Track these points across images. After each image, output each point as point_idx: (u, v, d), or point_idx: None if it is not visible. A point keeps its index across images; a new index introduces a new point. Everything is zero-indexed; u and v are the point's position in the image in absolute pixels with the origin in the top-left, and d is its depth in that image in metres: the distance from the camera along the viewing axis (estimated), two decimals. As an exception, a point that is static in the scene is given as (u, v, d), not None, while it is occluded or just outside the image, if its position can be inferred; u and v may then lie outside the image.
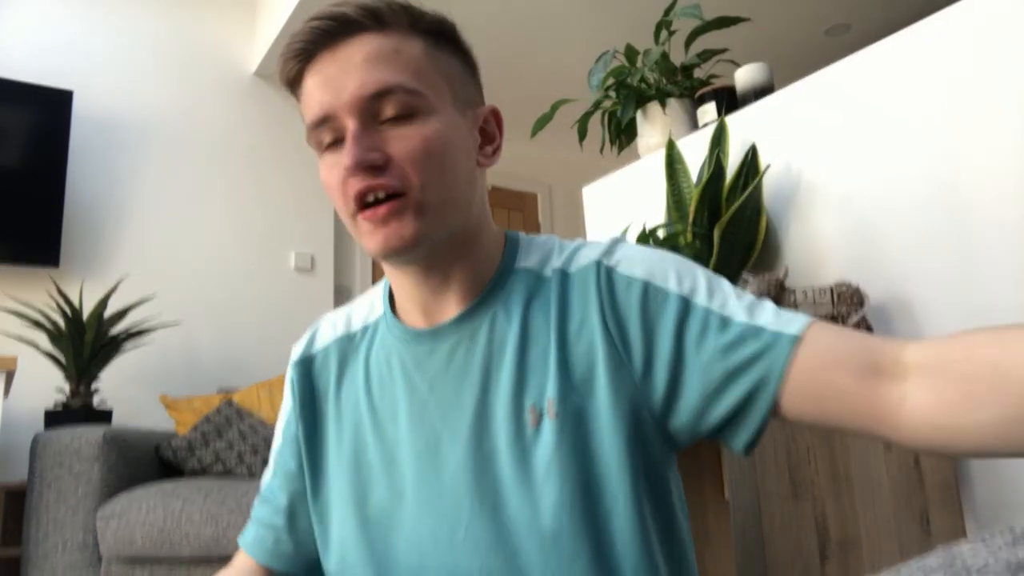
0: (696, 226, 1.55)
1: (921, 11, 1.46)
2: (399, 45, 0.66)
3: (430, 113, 0.66)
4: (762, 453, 0.98)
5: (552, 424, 0.66)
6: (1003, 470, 1.25)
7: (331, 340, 0.81)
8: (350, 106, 0.64)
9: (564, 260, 0.73)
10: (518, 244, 0.76)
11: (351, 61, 0.65)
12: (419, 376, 0.72)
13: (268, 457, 0.87)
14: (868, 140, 1.49)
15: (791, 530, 0.98)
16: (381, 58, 0.65)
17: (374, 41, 0.66)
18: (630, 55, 1.96)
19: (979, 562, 0.32)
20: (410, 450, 0.71)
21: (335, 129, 0.66)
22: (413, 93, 0.65)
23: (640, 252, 0.70)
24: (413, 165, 0.64)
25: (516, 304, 0.71)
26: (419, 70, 0.67)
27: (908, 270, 1.40)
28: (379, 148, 0.64)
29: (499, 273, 0.73)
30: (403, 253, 0.66)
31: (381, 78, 0.64)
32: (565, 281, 0.71)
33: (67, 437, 2.15)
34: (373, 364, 0.76)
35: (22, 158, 3.01)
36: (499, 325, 0.71)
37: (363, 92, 0.64)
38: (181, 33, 3.58)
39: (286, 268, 3.68)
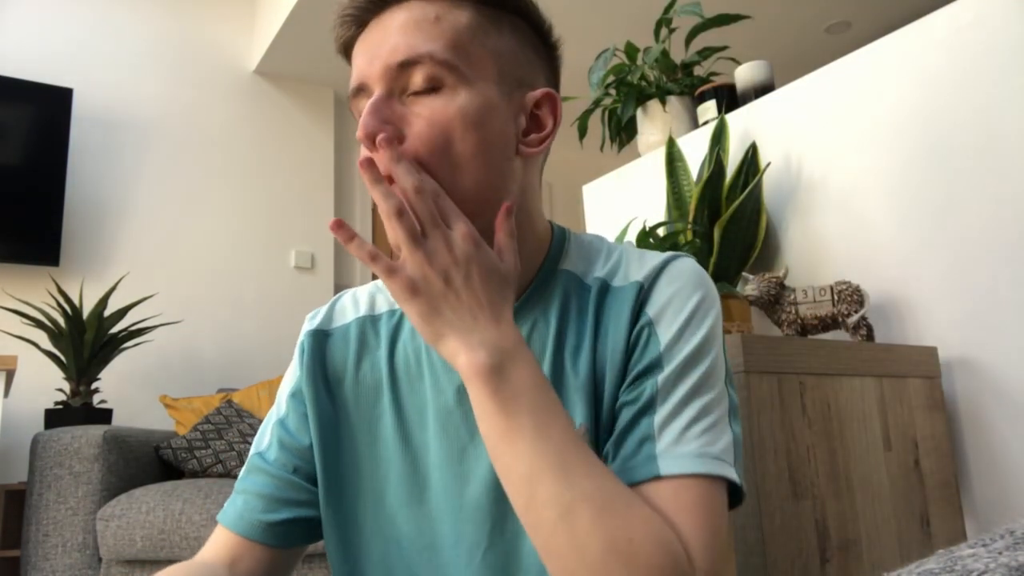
0: (696, 224, 1.55)
1: (921, 9, 1.45)
2: (443, 12, 0.62)
3: (461, 87, 0.61)
4: (762, 453, 0.97)
5: None
6: (1003, 470, 1.24)
7: (352, 319, 0.75)
8: (379, 74, 0.61)
9: (609, 269, 0.69)
10: (564, 242, 0.72)
11: (390, 27, 0.62)
12: (447, 381, 0.68)
13: None
14: (869, 138, 1.48)
15: (791, 530, 0.97)
16: (418, 25, 0.61)
17: (417, 8, 0.62)
18: (630, 53, 1.96)
19: (979, 566, 0.32)
20: (435, 458, 0.67)
21: (369, 97, 0.62)
22: (444, 64, 0.60)
23: (678, 281, 0.65)
24: (427, 147, 0.60)
25: (554, 312, 0.67)
26: (458, 41, 0.62)
27: (908, 270, 1.40)
28: (395, 123, 0.60)
29: (541, 276, 0.69)
30: None
31: (412, 46, 0.60)
32: (605, 294, 0.67)
33: (67, 437, 2.15)
34: (400, 355, 0.71)
35: (22, 156, 3.01)
36: (538, 335, 0.67)
37: (391, 60, 0.60)
38: (181, 31, 3.58)
39: (286, 267, 3.68)
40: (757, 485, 0.95)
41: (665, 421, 0.60)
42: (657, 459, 0.58)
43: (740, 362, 0.99)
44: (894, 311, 1.41)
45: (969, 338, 1.30)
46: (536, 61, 0.68)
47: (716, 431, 0.60)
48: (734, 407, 0.66)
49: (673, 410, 0.60)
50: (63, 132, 3.07)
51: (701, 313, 0.64)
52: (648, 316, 0.64)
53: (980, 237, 1.30)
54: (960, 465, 1.29)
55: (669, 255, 0.68)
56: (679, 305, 0.64)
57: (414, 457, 0.69)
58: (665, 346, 0.62)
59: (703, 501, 0.57)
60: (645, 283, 0.66)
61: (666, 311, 0.64)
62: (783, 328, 1.36)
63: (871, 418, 1.14)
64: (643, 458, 0.58)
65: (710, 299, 0.66)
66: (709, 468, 0.58)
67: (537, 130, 0.67)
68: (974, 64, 1.33)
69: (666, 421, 0.60)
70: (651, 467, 0.58)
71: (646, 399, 0.61)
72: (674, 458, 0.58)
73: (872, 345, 1.20)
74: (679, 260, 0.68)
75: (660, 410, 0.60)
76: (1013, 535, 0.33)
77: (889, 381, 1.19)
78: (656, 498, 0.56)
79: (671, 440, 0.59)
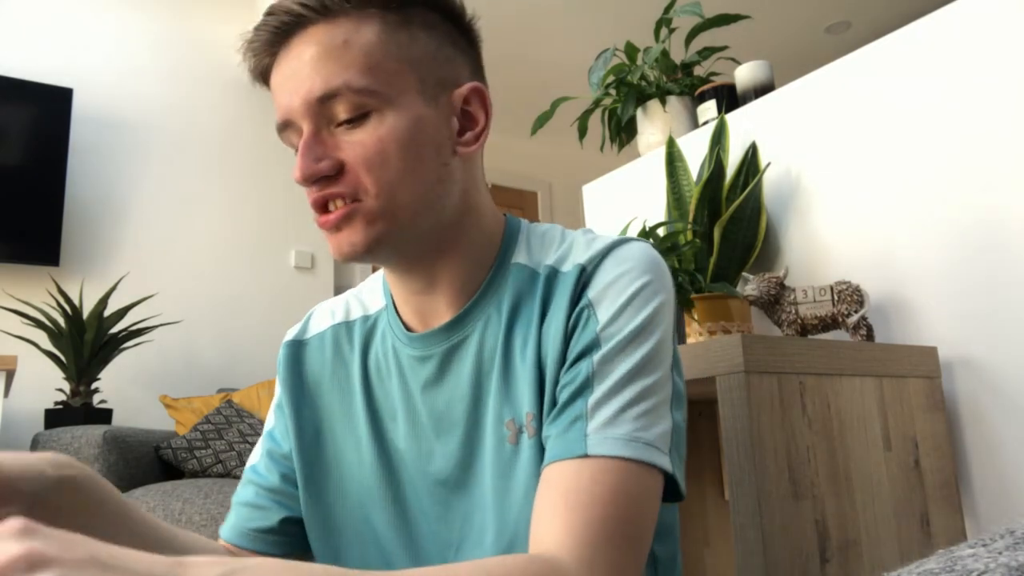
0: (696, 224, 1.55)
1: (922, 8, 1.45)
2: (349, 34, 0.61)
3: (386, 110, 0.61)
4: (762, 453, 0.97)
5: (531, 444, 0.62)
6: (1003, 470, 1.24)
7: (327, 327, 0.78)
8: (302, 111, 0.61)
9: (560, 255, 0.68)
10: (517, 235, 0.71)
11: (301, 59, 0.61)
12: (413, 381, 0.69)
13: None
14: (869, 138, 1.48)
15: (791, 530, 0.97)
16: (329, 54, 0.60)
17: (323, 33, 0.61)
18: (630, 53, 1.96)
19: (979, 566, 0.32)
20: (407, 458, 0.69)
21: (298, 132, 0.63)
22: (363, 92, 0.60)
23: (623, 265, 0.65)
24: (367, 171, 0.60)
25: (506, 306, 0.67)
26: (371, 63, 0.61)
27: (908, 270, 1.40)
28: (331, 155, 0.61)
29: (492, 272, 0.68)
30: (358, 260, 0.63)
31: (327, 79, 0.60)
32: (552, 280, 0.66)
33: (67, 437, 2.15)
34: (373, 358, 0.73)
35: (22, 156, 3.00)
36: (490, 331, 0.66)
37: (310, 96, 0.60)
38: (181, 31, 3.58)
39: (286, 267, 3.68)
40: (757, 485, 0.95)
41: (599, 402, 0.59)
42: (586, 439, 0.57)
43: (740, 362, 0.99)
44: (894, 311, 1.41)
45: (969, 338, 1.30)
46: (456, 56, 0.67)
47: (652, 416, 0.59)
48: (678, 394, 0.65)
49: (608, 391, 0.59)
50: (63, 132, 3.07)
51: (645, 295, 0.63)
52: (588, 298, 0.63)
53: (980, 237, 1.30)
54: (960, 465, 1.29)
55: (619, 238, 0.67)
56: (621, 287, 0.63)
57: (388, 457, 0.70)
58: (602, 326, 0.62)
59: (624, 488, 0.56)
60: (588, 266, 0.65)
61: (607, 293, 0.63)
62: (783, 328, 1.36)
63: (871, 418, 1.14)
64: (572, 438, 0.58)
65: (658, 283, 0.64)
66: (638, 453, 0.56)
67: (471, 127, 0.67)
68: (974, 64, 1.33)
69: (600, 402, 0.59)
70: (578, 446, 0.57)
71: (582, 379, 0.60)
72: (603, 439, 0.57)
73: (872, 345, 1.20)
74: (628, 244, 0.67)
75: (596, 390, 0.59)
76: (1013, 535, 0.33)
77: (889, 381, 1.19)
78: (573, 479, 0.55)
79: (603, 421, 0.58)
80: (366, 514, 0.70)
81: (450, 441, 0.67)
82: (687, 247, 1.51)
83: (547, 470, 0.58)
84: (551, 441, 0.59)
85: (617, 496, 0.55)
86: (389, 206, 0.61)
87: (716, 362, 1.03)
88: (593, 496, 0.54)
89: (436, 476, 0.67)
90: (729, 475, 1.00)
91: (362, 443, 0.71)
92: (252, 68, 0.65)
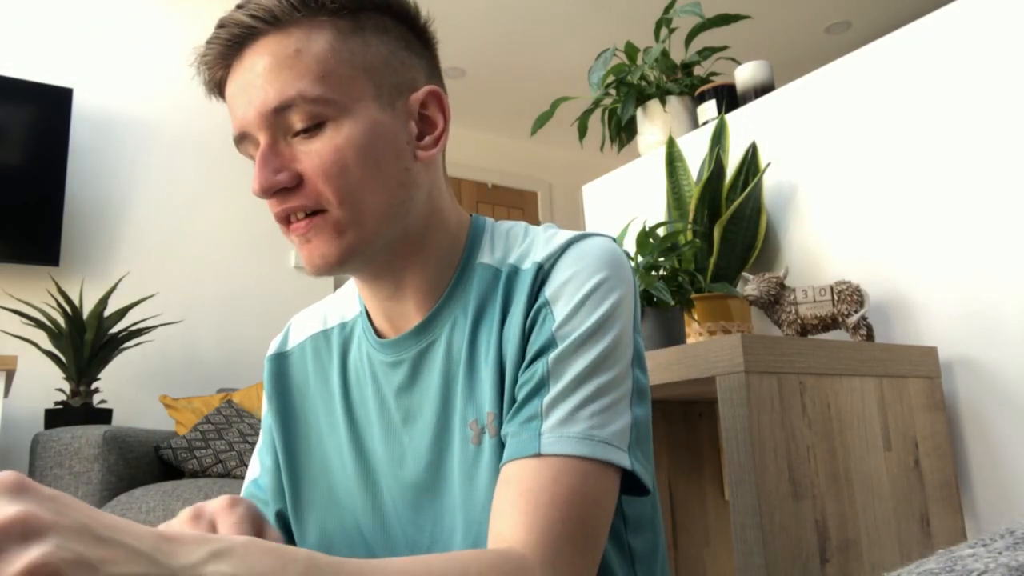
0: (696, 224, 1.55)
1: (921, 8, 1.45)
2: (301, 44, 0.60)
3: (342, 118, 0.60)
4: (762, 453, 0.97)
5: (492, 443, 0.62)
6: (1003, 470, 1.24)
7: (307, 336, 0.78)
8: (257, 122, 0.61)
9: (520, 254, 0.68)
10: (481, 235, 0.71)
11: (254, 70, 0.60)
12: (386, 386, 0.70)
13: None
14: (869, 138, 1.48)
15: (791, 530, 0.97)
16: (281, 64, 0.60)
17: (275, 43, 0.60)
18: (630, 53, 1.96)
19: (979, 566, 0.32)
20: (382, 463, 0.69)
21: (255, 144, 0.62)
22: (318, 101, 0.59)
23: (580, 262, 0.64)
24: (326, 182, 0.60)
25: (472, 307, 0.67)
26: (324, 71, 0.60)
27: (908, 270, 1.40)
28: (289, 167, 0.60)
29: (458, 274, 0.68)
30: (330, 270, 0.62)
31: (280, 90, 0.59)
32: (513, 279, 0.66)
33: (67, 437, 2.15)
34: (352, 364, 0.73)
35: (22, 156, 3.00)
36: (457, 333, 0.66)
37: (264, 107, 0.60)
38: (181, 30, 3.58)
39: (286, 267, 3.68)
40: (757, 485, 0.95)
41: (554, 401, 0.59)
42: (540, 438, 0.57)
43: (740, 362, 0.99)
44: (894, 311, 1.41)
45: (969, 338, 1.30)
46: (411, 59, 0.66)
47: (609, 414, 0.59)
48: (640, 389, 0.65)
49: (563, 390, 0.59)
50: (63, 132, 3.07)
51: (602, 292, 0.63)
52: (545, 296, 0.63)
53: (980, 237, 1.30)
54: (960, 465, 1.29)
55: (578, 234, 0.67)
56: (577, 284, 0.63)
57: (366, 463, 0.70)
58: (558, 324, 0.62)
59: (581, 487, 0.56)
60: (545, 264, 0.65)
61: (563, 290, 0.63)
62: (783, 328, 1.36)
63: (871, 418, 1.14)
64: (527, 436, 0.58)
65: (616, 278, 0.64)
66: (592, 451, 0.57)
67: (430, 131, 0.66)
68: (974, 64, 1.33)
69: (555, 401, 0.59)
70: (532, 445, 0.57)
71: (538, 379, 0.60)
72: (557, 439, 0.57)
73: (872, 345, 1.20)
74: (586, 240, 0.67)
75: (551, 389, 0.59)
76: (1013, 535, 0.33)
77: (889, 381, 1.19)
78: (531, 478, 0.56)
79: (557, 420, 0.58)
80: (355, 521, 0.71)
81: (420, 444, 0.67)
82: (687, 247, 1.51)
83: (505, 468, 0.58)
84: (509, 439, 0.59)
85: (575, 496, 0.55)
86: (354, 215, 0.61)
87: (716, 362, 1.03)
88: (553, 496, 0.55)
89: (408, 480, 0.68)
90: (729, 475, 1.00)
91: (343, 450, 0.72)
92: (206, 81, 0.65)
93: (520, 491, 0.55)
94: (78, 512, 0.34)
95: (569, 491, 0.55)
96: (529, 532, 0.53)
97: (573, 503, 0.55)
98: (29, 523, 0.31)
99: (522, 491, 0.55)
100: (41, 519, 0.32)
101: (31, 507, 0.32)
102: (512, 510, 0.55)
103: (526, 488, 0.55)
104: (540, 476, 0.56)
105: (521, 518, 0.54)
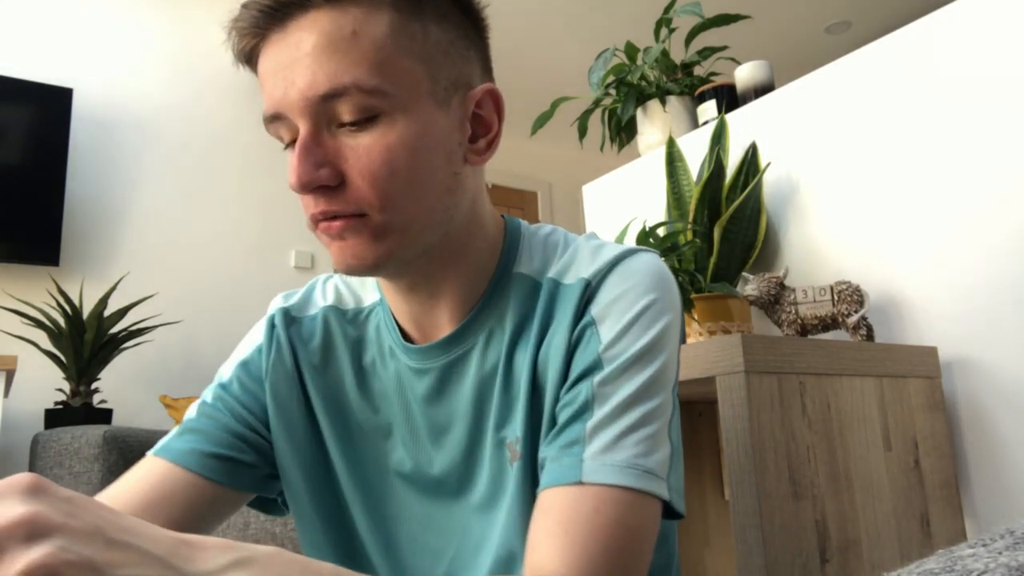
0: (696, 224, 1.55)
1: (921, 8, 1.45)
2: (359, 24, 0.54)
3: (396, 114, 0.55)
4: (762, 453, 0.97)
5: (520, 464, 0.60)
6: (1003, 470, 1.24)
7: (319, 308, 0.72)
8: (299, 107, 0.55)
9: (562, 266, 0.64)
10: (518, 242, 0.67)
11: (301, 48, 0.54)
12: (411, 393, 0.66)
13: None
14: (869, 138, 1.48)
15: (791, 530, 0.97)
16: (335, 45, 0.54)
17: (328, 20, 0.54)
18: (630, 52, 1.96)
19: (979, 566, 0.32)
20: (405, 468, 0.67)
21: (290, 128, 0.57)
22: (373, 92, 0.54)
23: (629, 280, 0.61)
24: (372, 185, 0.55)
25: (509, 319, 0.63)
26: (382, 59, 0.54)
27: (908, 270, 1.40)
28: (332, 162, 0.55)
29: (494, 282, 0.65)
30: (363, 274, 0.59)
31: (332, 75, 0.53)
32: (555, 294, 0.63)
33: (67, 437, 2.15)
34: (369, 358, 0.69)
35: (22, 156, 3.00)
36: (492, 346, 0.63)
37: (311, 92, 0.54)
38: (181, 31, 3.58)
39: (286, 267, 3.68)
40: (757, 485, 0.95)
41: (598, 426, 0.56)
42: (582, 465, 0.54)
43: (740, 362, 0.99)
44: (894, 311, 1.41)
45: (969, 338, 1.30)
46: (468, 51, 0.61)
47: (652, 442, 0.56)
48: (676, 414, 0.62)
49: (608, 415, 0.56)
50: (63, 132, 3.07)
51: (651, 314, 0.60)
52: (591, 315, 0.60)
53: (980, 237, 1.30)
54: (960, 465, 1.29)
55: (625, 250, 0.64)
56: (626, 304, 0.60)
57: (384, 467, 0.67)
58: (604, 346, 0.59)
59: (623, 519, 0.53)
60: (593, 280, 0.61)
61: (611, 310, 0.60)
62: (783, 328, 1.36)
63: (871, 418, 1.14)
64: (568, 463, 0.55)
65: (665, 301, 0.61)
66: (637, 482, 0.54)
67: (483, 133, 0.62)
68: (974, 64, 1.33)
69: (599, 426, 0.56)
70: (573, 472, 0.54)
71: (582, 402, 0.57)
72: (600, 466, 0.54)
73: (872, 345, 1.20)
74: (635, 256, 0.63)
75: (596, 414, 0.57)
76: (1013, 535, 0.33)
77: (889, 381, 1.19)
78: (571, 507, 0.53)
79: (601, 447, 0.55)
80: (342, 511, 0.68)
81: (449, 454, 0.65)
82: (687, 247, 1.51)
83: (544, 495, 0.55)
84: (547, 464, 0.57)
85: (617, 527, 0.53)
86: (396, 221, 0.56)
87: (716, 362, 1.03)
88: (593, 527, 0.52)
89: (432, 486, 0.66)
90: (729, 475, 1.00)
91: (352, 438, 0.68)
92: (237, 48, 0.59)
93: (560, 520, 0.53)
94: (92, 514, 0.33)
95: (611, 522, 0.53)
96: (568, 566, 0.51)
97: (615, 535, 0.52)
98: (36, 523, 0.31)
99: (562, 521, 0.53)
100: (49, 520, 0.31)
101: (41, 508, 0.32)
102: (550, 540, 0.52)
103: (566, 518, 0.53)
104: (581, 505, 0.53)
105: (560, 550, 0.52)
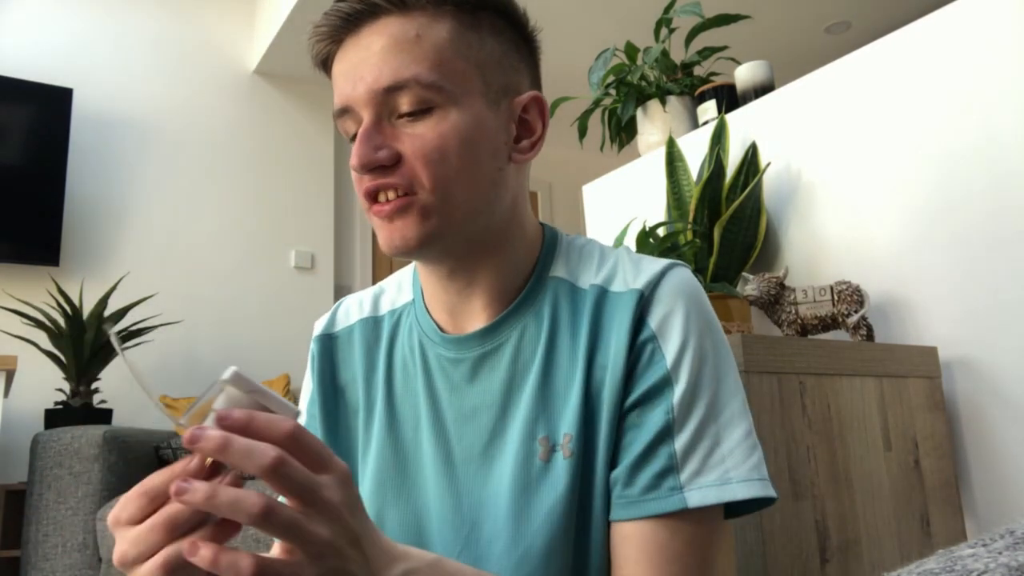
0: (696, 224, 1.55)
1: (921, 9, 1.45)
2: (422, 29, 0.61)
3: (450, 107, 0.61)
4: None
5: (566, 465, 0.62)
6: (1003, 470, 1.24)
7: (356, 320, 0.76)
8: (365, 99, 0.61)
9: (606, 275, 0.68)
10: (556, 246, 0.71)
11: (370, 49, 0.61)
12: (441, 382, 0.69)
13: None
14: (869, 138, 1.48)
15: (791, 530, 0.97)
16: (400, 46, 0.61)
17: (395, 25, 0.61)
18: (630, 53, 1.96)
19: (979, 566, 0.32)
20: (431, 461, 0.68)
21: (356, 120, 0.63)
22: (431, 87, 0.60)
23: (681, 293, 0.65)
24: (425, 165, 0.60)
25: (545, 318, 0.67)
26: (441, 59, 0.61)
27: (908, 270, 1.40)
28: (390, 145, 0.61)
29: (532, 282, 0.69)
30: (408, 253, 0.63)
31: (396, 70, 0.60)
32: (602, 301, 0.66)
33: (67, 437, 2.15)
34: (398, 355, 0.72)
35: (22, 156, 3.01)
36: (527, 342, 0.66)
37: (376, 85, 0.61)
38: (181, 31, 3.58)
39: (286, 267, 3.68)
40: (757, 485, 0.95)
41: (687, 448, 0.60)
42: (682, 491, 0.59)
43: (740, 362, 0.99)
44: (894, 311, 1.41)
45: (969, 338, 1.30)
46: (519, 63, 0.68)
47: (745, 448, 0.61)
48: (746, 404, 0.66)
49: (693, 436, 0.60)
50: (63, 132, 3.07)
51: (706, 326, 0.64)
52: (651, 329, 0.63)
53: (980, 237, 1.30)
54: (960, 465, 1.29)
55: (666, 264, 0.68)
56: (682, 318, 0.63)
57: (404, 456, 0.69)
58: (671, 363, 0.62)
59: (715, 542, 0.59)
60: (645, 291, 0.65)
61: (670, 325, 0.63)
62: (783, 328, 1.36)
63: (871, 418, 1.14)
64: (665, 490, 0.59)
65: (709, 308, 0.66)
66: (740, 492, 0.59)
67: (527, 135, 0.68)
68: (974, 64, 1.33)
69: (688, 448, 0.60)
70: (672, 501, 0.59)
71: (662, 425, 0.61)
72: (699, 488, 0.59)
73: (872, 345, 1.20)
74: (677, 269, 0.68)
75: (679, 436, 0.60)
76: (1013, 535, 0.33)
77: (889, 381, 1.19)
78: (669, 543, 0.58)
79: (694, 469, 0.59)
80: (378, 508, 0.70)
81: (470, 446, 0.66)
82: (687, 247, 1.51)
83: (635, 527, 0.59)
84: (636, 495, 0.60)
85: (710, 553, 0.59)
86: (444, 203, 0.61)
87: (716, 362, 1.02)
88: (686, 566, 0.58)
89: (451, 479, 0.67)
90: (729, 475, 0.99)
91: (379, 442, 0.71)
92: (315, 54, 0.66)
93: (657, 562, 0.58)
94: None
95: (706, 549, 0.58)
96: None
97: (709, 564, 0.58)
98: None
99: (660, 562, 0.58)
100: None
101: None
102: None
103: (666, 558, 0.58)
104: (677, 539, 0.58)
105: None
